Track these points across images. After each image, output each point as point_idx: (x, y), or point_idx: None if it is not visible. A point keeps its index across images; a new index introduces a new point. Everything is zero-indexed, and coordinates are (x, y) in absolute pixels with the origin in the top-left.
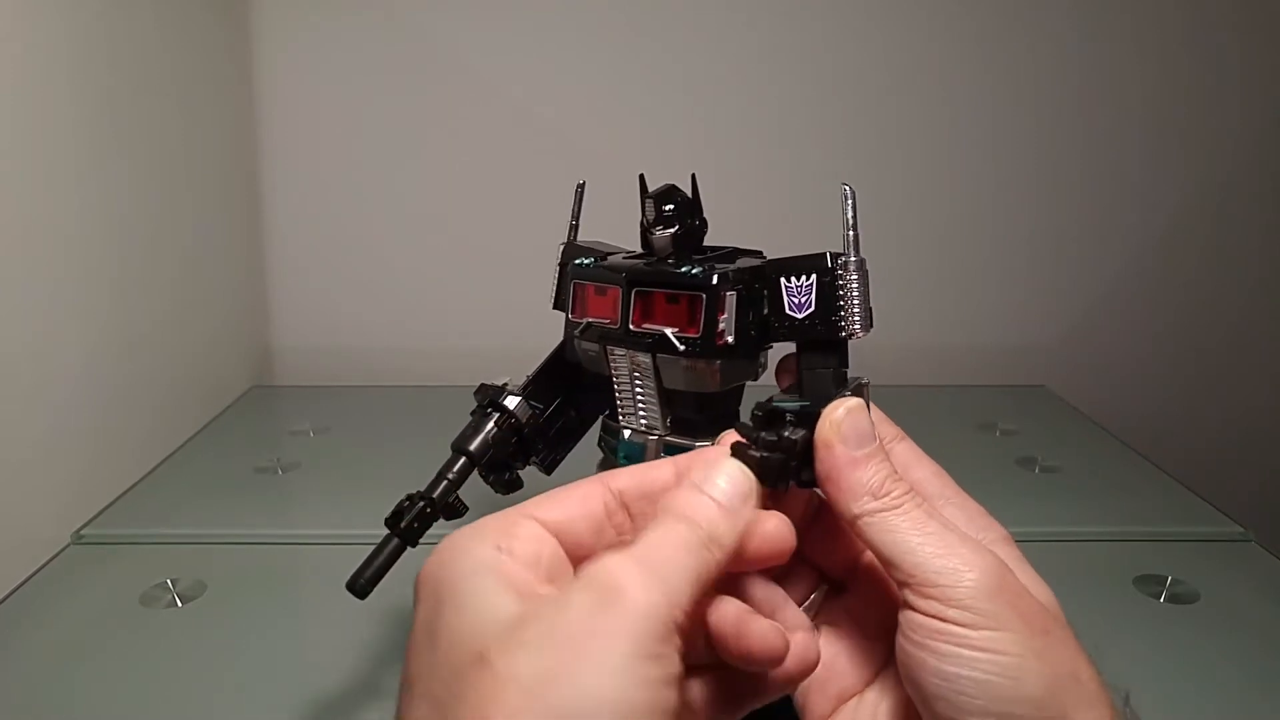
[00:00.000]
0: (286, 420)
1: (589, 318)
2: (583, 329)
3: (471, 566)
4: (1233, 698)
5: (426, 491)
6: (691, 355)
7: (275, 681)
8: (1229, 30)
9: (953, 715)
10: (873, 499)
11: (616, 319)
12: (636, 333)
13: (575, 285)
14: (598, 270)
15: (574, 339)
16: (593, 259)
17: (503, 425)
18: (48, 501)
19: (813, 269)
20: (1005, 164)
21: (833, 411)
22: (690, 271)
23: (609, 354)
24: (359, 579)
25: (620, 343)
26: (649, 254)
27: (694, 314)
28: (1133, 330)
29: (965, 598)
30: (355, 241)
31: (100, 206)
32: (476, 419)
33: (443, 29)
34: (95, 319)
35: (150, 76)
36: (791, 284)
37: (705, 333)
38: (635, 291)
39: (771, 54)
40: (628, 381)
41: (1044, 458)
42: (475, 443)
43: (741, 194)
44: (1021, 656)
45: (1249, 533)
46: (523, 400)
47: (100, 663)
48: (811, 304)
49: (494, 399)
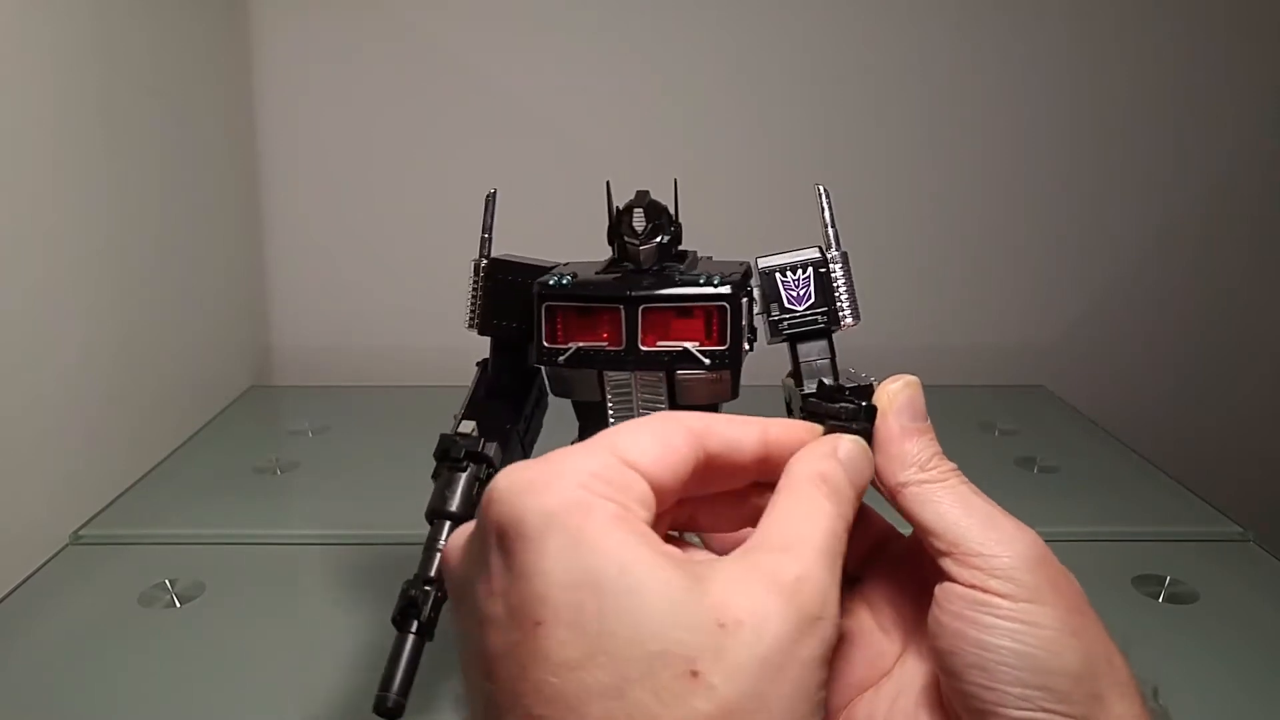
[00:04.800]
0: (285, 420)
1: (575, 343)
2: (569, 356)
3: (606, 520)
4: (1232, 698)
5: (428, 575)
6: (719, 368)
7: (274, 682)
8: (1228, 30)
9: (989, 685)
10: (920, 470)
11: (618, 341)
12: (650, 352)
13: (548, 309)
14: (581, 290)
15: (549, 367)
16: (560, 277)
17: (483, 476)
18: (46, 501)
19: (808, 263)
20: (1004, 164)
21: (891, 383)
22: (701, 281)
23: (605, 379)
24: (388, 696)
25: (624, 365)
26: (627, 265)
27: (711, 325)
28: (1132, 330)
29: (1008, 568)
30: (355, 241)
31: (99, 207)
32: (447, 476)
33: (443, 29)
34: (93, 319)
35: (150, 77)
36: (788, 279)
37: (732, 343)
38: (642, 309)
39: (771, 54)
40: (629, 404)
41: (1043, 458)
42: (456, 503)
43: (742, 196)
44: (1060, 631)
45: (1248, 533)
46: (496, 444)
47: (99, 663)
48: (811, 296)
49: (469, 449)
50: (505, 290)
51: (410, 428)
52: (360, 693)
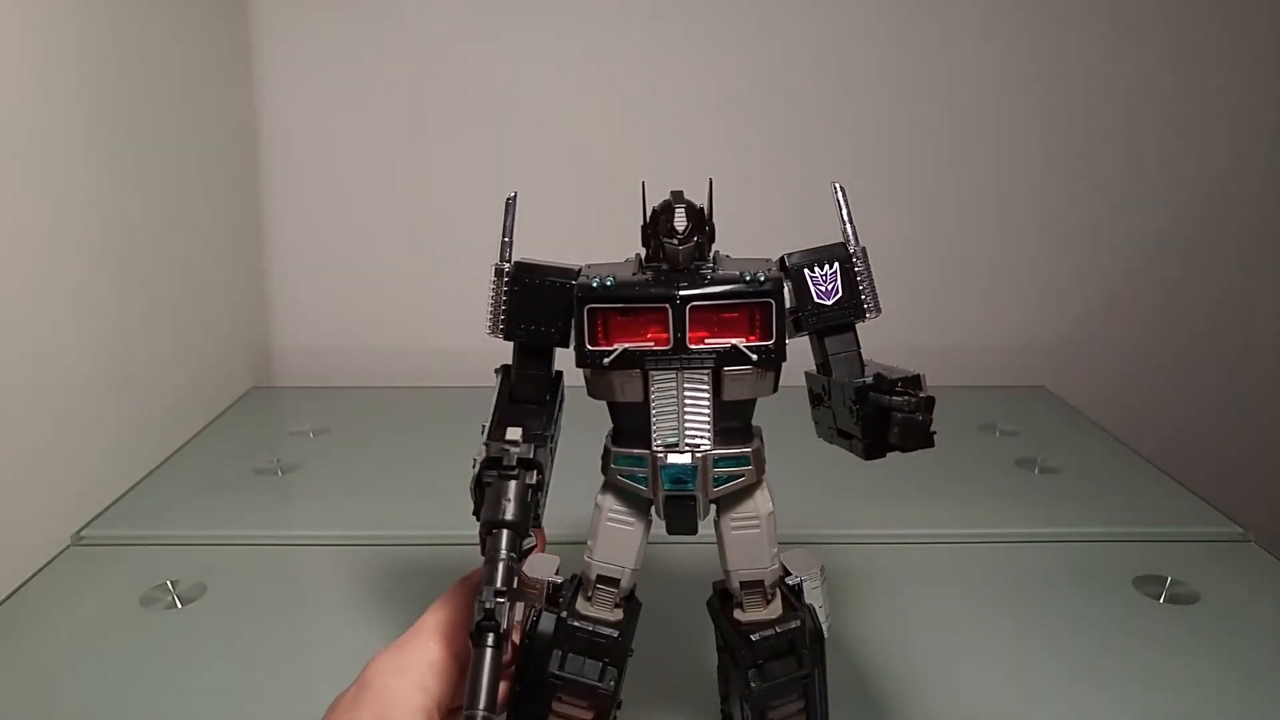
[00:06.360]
0: (286, 421)
1: (621, 343)
2: (615, 357)
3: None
4: (1232, 698)
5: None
6: (766, 364)
7: (275, 683)
8: (1228, 31)
9: None
10: None
11: (666, 340)
12: (698, 350)
13: (590, 311)
14: (627, 292)
15: (594, 370)
16: (600, 279)
17: (533, 483)
18: (48, 503)
19: (834, 258)
20: (1004, 164)
21: None
22: (747, 279)
23: (649, 379)
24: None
25: (671, 364)
26: (664, 265)
27: (754, 322)
28: (1132, 331)
29: None
30: (355, 242)
31: (100, 208)
32: (499, 485)
33: (444, 30)
34: (95, 320)
35: (151, 78)
36: (816, 274)
37: (777, 339)
38: (690, 308)
39: (771, 54)
40: (673, 403)
41: (1044, 458)
42: (513, 511)
43: (742, 197)
44: None
45: (1249, 533)
46: (545, 449)
47: (100, 664)
48: (839, 290)
49: (522, 457)
50: (533, 294)
51: (411, 429)
52: None
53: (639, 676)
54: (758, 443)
